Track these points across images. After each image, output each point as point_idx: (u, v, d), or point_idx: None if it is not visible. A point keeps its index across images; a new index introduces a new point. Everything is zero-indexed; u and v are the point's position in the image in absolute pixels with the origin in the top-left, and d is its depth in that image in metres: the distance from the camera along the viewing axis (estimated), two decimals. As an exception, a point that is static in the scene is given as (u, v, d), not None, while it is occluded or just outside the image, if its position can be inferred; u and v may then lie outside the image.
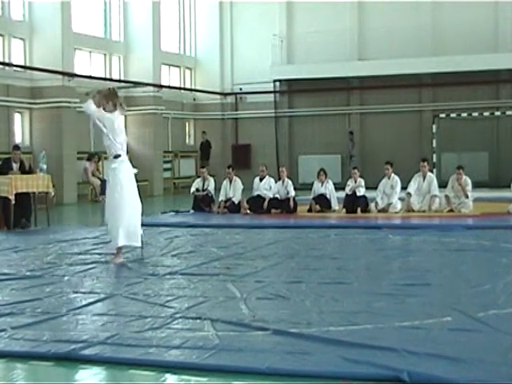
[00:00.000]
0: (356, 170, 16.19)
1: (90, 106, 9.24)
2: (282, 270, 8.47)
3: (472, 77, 25.50)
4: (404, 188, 15.74)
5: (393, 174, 15.71)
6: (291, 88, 28.72)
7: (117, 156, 9.49)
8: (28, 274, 8.39)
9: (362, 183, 15.73)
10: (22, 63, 20.81)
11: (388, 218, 14.60)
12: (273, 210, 15.82)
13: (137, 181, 9.92)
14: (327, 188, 16.15)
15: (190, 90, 28.79)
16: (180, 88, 28.20)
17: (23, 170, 14.11)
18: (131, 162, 10.55)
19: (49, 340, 5.27)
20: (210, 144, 26.68)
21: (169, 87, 26.72)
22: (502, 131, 26.21)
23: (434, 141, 25.43)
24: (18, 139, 20.17)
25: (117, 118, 9.45)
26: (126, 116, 24.91)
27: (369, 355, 4.71)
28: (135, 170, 13.26)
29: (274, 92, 28.55)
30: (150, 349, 5.01)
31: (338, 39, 27.45)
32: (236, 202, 16.21)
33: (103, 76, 24.14)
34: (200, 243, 11.09)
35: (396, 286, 7.15)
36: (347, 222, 13.84)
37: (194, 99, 29.17)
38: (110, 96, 9.42)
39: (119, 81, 24.59)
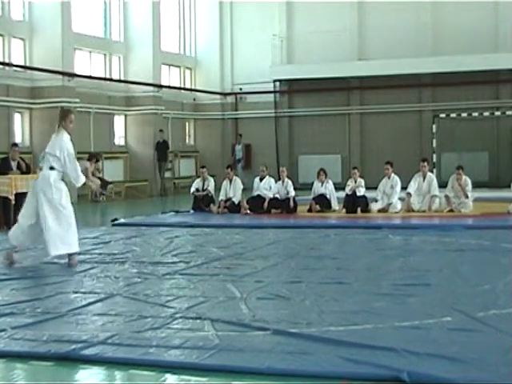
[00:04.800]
0: (356, 170, 16.19)
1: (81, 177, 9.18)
2: (282, 270, 8.47)
3: (472, 77, 25.48)
4: (404, 188, 15.75)
5: (393, 174, 15.72)
6: (291, 88, 28.70)
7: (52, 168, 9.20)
8: (28, 273, 8.40)
9: (362, 183, 15.73)
10: (22, 63, 20.81)
11: (388, 217, 14.60)
12: (273, 210, 15.82)
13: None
14: (327, 188, 16.16)
15: (190, 90, 28.77)
16: (180, 88, 28.19)
17: (22, 170, 14.08)
18: (131, 162, 10.45)
19: (49, 340, 5.27)
20: (168, 144, 25.08)
21: (169, 87, 26.71)
22: (502, 131, 26.20)
23: (434, 141, 25.43)
24: (17, 139, 20.15)
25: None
26: (125, 116, 24.99)
27: (369, 355, 4.71)
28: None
29: (274, 92, 28.54)
30: (150, 349, 5.02)
31: (337, 39, 27.45)
32: (236, 202, 16.22)
33: (103, 76, 24.14)
34: (200, 243, 11.09)
35: (396, 286, 7.16)
36: (347, 222, 13.85)
37: (194, 99, 29.14)
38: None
39: (119, 81, 24.61)
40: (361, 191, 15.62)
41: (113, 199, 22.31)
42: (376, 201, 15.58)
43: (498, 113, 25.72)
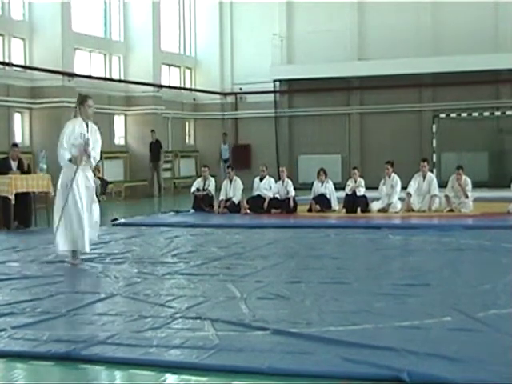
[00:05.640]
0: (356, 170, 16.18)
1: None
2: (282, 270, 8.46)
3: (472, 77, 25.46)
4: (404, 188, 15.74)
5: (393, 174, 15.71)
6: (291, 88, 28.68)
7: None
8: (28, 273, 8.39)
9: (362, 183, 15.73)
10: (22, 63, 20.80)
11: (388, 217, 14.59)
12: (273, 210, 15.82)
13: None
14: (327, 188, 16.15)
15: (190, 89, 28.76)
16: (180, 88, 28.18)
17: (22, 170, 14.09)
18: (131, 162, 10.42)
19: (49, 340, 5.26)
20: (161, 144, 24.41)
21: (169, 87, 26.70)
22: (503, 131, 26.18)
23: (434, 141, 25.43)
24: (17, 139, 20.15)
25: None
26: (125, 115, 24.98)
27: (369, 355, 4.71)
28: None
29: (274, 92, 28.51)
30: (150, 349, 5.02)
31: (337, 39, 27.43)
32: (236, 202, 16.20)
33: (103, 76, 24.14)
34: (200, 243, 11.08)
35: (396, 286, 7.15)
36: (347, 222, 13.84)
37: (194, 99, 29.13)
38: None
39: (119, 81, 24.60)
40: (361, 191, 15.61)
41: (113, 199, 22.30)
42: (378, 199, 15.59)
43: (497, 113, 25.71)
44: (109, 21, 24.74)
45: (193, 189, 16.91)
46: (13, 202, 13.31)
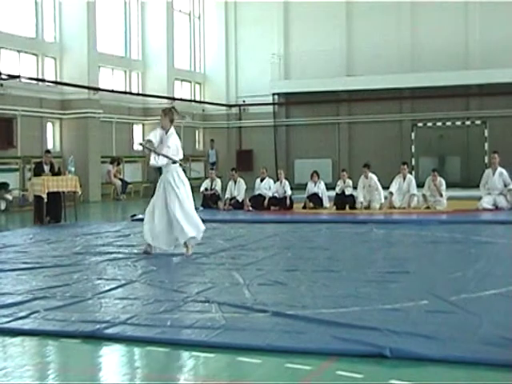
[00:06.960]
0: (345, 172, 16.17)
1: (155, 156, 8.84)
2: (280, 260, 8.45)
3: (446, 91, 25.48)
4: (386, 188, 15.72)
5: (370, 174, 15.65)
6: (288, 100, 28.68)
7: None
8: (58, 262, 8.39)
9: (350, 183, 15.70)
10: (54, 79, 20.82)
11: (372, 214, 14.58)
12: (272, 207, 15.80)
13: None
14: (319, 188, 16.13)
15: (200, 102, 28.77)
16: (191, 100, 28.18)
17: (53, 172, 14.12)
18: (148, 165, 10.27)
19: (76, 320, 5.27)
20: None
21: (181, 99, 26.69)
22: (472, 138, 26.17)
23: (413, 146, 25.46)
24: (49, 145, 20.18)
25: (165, 134, 8.94)
26: (143, 125, 24.95)
27: (356, 334, 4.70)
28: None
29: (273, 104, 28.51)
30: (165, 328, 5.02)
31: (329, 57, 27.39)
32: (240, 200, 16.19)
33: (124, 90, 24.14)
34: (208, 236, 11.01)
35: (379, 274, 7.14)
36: (337, 218, 13.82)
37: (203, 110, 29.12)
38: (167, 113, 9.04)
39: (138, 94, 24.60)
40: (349, 190, 15.59)
41: (132, 198, 22.29)
42: (361, 203, 15.43)
43: (468, 122, 25.72)
44: (129, 42, 24.74)
45: (202, 188, 16.90)
46: (45, 200, 13.34)
